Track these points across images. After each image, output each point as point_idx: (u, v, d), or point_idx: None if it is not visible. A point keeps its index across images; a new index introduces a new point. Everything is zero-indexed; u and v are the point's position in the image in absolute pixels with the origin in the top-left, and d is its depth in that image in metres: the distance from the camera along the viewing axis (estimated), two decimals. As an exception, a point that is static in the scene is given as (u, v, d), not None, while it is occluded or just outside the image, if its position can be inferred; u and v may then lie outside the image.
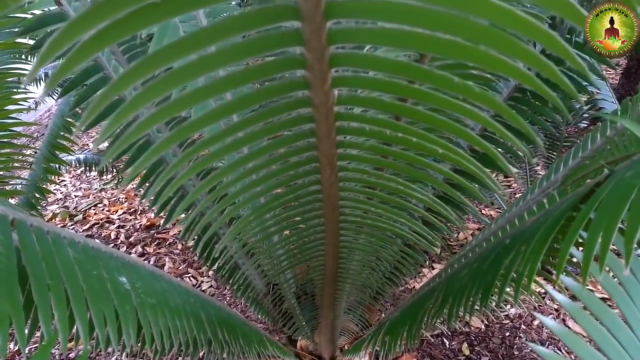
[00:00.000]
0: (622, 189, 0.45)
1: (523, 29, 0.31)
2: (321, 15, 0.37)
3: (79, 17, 0.29)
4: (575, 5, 0.29)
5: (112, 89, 0.34)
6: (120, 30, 0.32)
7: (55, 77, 0.31)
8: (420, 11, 0.34)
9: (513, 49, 0.33)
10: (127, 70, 0.34)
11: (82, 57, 0.32)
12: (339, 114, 0.48)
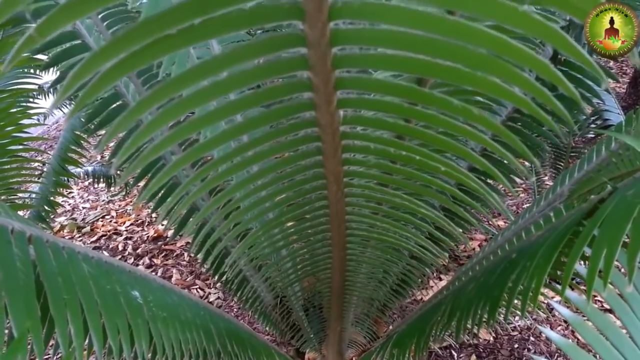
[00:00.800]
0: (624, 207, 0.47)
1: (518, 57, 0.33)
2: (326, 42, 0.39)
3: (99, 50, 0.31)
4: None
5: (130, 114, 0.36)
6: (137, 60, 0.34)
7: (78, 105, 0.33)
8: (422, 40, 0.36)
9: (509, 75, 0.35)
10: (145, 97, 0.36)
11: (102, 87, 0.34)
12: (345, 133, 0.50)
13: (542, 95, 0.34)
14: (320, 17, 0.36)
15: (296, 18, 0.37)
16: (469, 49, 0.35)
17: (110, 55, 0.32)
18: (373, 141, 0.51)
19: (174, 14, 0.32)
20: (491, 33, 0.32)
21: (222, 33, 0.36)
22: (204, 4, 0.33)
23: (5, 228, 0.60)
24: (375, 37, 0.38)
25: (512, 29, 0.32)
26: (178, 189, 0.49)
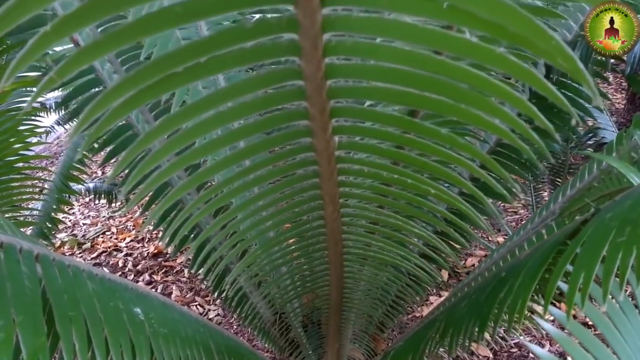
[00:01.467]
0: (602, 229, 0.49)
1: (496, 92, 0.36)
2: (321, 76, 0.42)
3: (112, 89, 0.35)
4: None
5: (139, 144, 0.40)
6: (146, 96, 0.37)
7: (91, 138, 0.36)
8: (409, 74, 0.39)
9: (488, 108, 0.38)
10: (153, 127, 0.40)
11: (113, 121, 0.37)
12: (340, 157, 0.53)
13: (519, 127, 0.37)
14: (315, 54, 0.40)
15: (294, 55, 0.40)
16: (452, 83, 0.38)
17: (121, 93, 0.35)
18: (367, 165, 0.54)
19: (182, 53, 0.35)
20: (471, 70, 0.36)
21: (226, 69, 0.39)
22: (209, 45, 0.36)
23: (14, 247, 0.62)
24: (367, 71, 0.42)
25: (491, 68, 0.35)
26: (182, 212, 0.52)
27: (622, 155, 0.94)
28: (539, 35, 0.28)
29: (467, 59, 0.37)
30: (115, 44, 0.32)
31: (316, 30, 0.37)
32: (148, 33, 0.33)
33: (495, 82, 0.35)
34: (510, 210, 2.92)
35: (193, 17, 0.34)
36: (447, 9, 0.31)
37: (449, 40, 0.34)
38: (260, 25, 0.36)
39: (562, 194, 1.17)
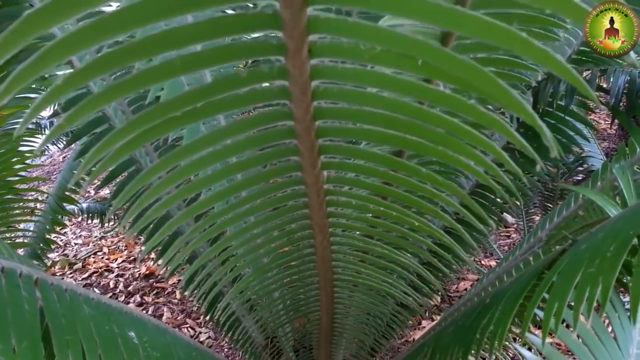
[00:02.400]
0: (576, 260, 0.53)
1: (469, 137, 0.40)
2: (310, 117, 0.46)
3: (116, 132, 0.38)
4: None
5: (140, 179, 0.43)
6: (148, 137, 0.41)
7: (94, 175, 0.40)
8: (392, 118, 0.43)
9: (464, 151, 0.41)
10: (155, 164, 0.43)
11: (116, 159, 0.40)
12: (329, 190, 0.57)
13: (490, 168, 0.41)
14: (304, 99, 0.43)
15: (284, 98, 0.44)
16: (430, 128, 0.42)
17: (125, 135, 0.39)
18: (354, 198, 0.57)
19: (181, 100, 0.39)
20: (444, 117, 0.39)
21: (221, 113, 0.43)
22: (206, 92, 0.40)
23: (15, 272, 0.65)
24: (352, 114, 0.46)
25: (464, 116, 0.39)
26: (179, 239, 0.55)
27: (605, 186, 0.98)
28: (500, 92, 0.32)
29: (443, 107, 0.40)
30: (121, 93, 0.36)
31: (305, 79, 0.41)
32: (149, 84, 0.36)
33: (466, 129, 0.39)
34: (503, 234, 2.96)
35: (190, 69, 0.37)
36: (421, 65, 0.35)
37: (424, 90, 0.38)
38: (254, 74, 0.40)
39: (550, 221, 1.21)
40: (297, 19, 0.35)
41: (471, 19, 0.30)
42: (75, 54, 0.30)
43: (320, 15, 0.35)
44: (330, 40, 0.37)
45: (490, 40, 0.30)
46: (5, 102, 0.31)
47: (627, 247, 0.45)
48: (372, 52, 0.36)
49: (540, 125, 0.31)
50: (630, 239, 0.45)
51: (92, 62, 0.32)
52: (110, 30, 0.30)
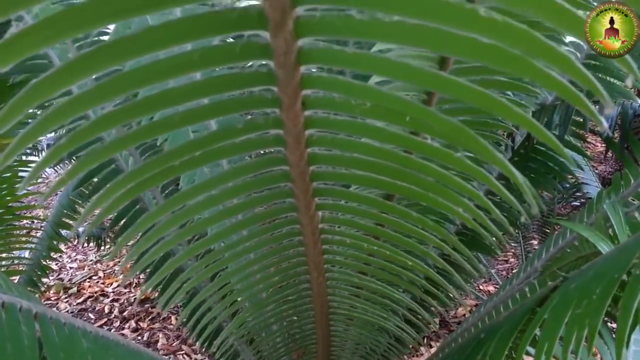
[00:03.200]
0: (565, 300, 0.54)
1: (456, 186, 0.42)
2: (304, 163, 0.48)
3: (119, 181, 0.40)
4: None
5: (142, 223, 0.45)
6: (147, 185, 0.43)
7: (99, 219, 0.41)
8: (382, 165, 0.45)
9: (450, 198, 0.43)
10: (158, 208, 0.45)
11: (119, 205, 0.42)
12: (323, 229, 0.59)
13: (477, 216, 0.43)
14: (299, 146, 0.45)
15: (280, 146, 0.46)
16: (418, 175, 0.44)
17: (127, 183, 0.40)
18: (348, 237, 0.59)
19: (180, 150, 0.41)
20: (432, 166, 0.41)
21: (217, 160, 0.45)
22: (204, 142, 0.42)
23: (15, 306, 0.66)
24: (344, 160, 0.47)
25: (453, 167, 0.41)
26: (179, 277, 0.56)
27: (597, 219, 1.00)
28: (481, 148, 0.34)
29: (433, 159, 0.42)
30: (125, 145, 0.38)
31: (299, 129, 0.43)
32: (151, 136, 0.38)
33: (451, 177, 0.41)
34: (500, 259, 2.96)
35: (190, 123, 0.39)
36: (409, 120, 0.37)
37: (411, 142, 0.40)
38: (250, 124, 0.42)
39: (546, 251, 1.22)
40: (291, 77, 0.37)
41: (451, 82, 0.32)
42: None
43: (313, 74, 0.37)
44: (322, 94, 0.39)
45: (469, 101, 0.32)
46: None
47: (612, 290, 0.46)
48: (362, 107, 0.39)
49: (521, 182, 0.33)
50: (616, 282, 0.46)
51: (98, 119, 0.34)
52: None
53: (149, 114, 0.36)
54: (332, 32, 0.33)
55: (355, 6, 0.31)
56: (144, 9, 0.29)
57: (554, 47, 0.26)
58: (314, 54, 0.35)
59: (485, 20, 0.27)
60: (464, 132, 0.34)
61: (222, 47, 0.35)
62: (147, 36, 0.30)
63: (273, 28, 0.33)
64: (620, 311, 0.46)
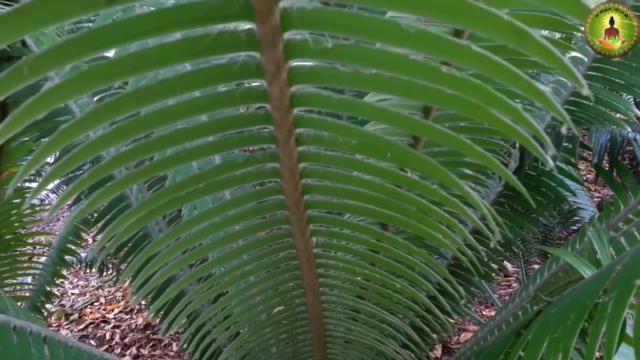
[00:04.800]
0: (545, 324, 0.58)
1: (440, 218, 0.46)
2: (299, 194, 0.53)
3: (130, 212, 0.45)
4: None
5: (148, 251, 0.49)
6: (155, 214, 0.47)
7: (111, 247, 0.46)
8: (370, 196, 0.50)
9: (434, 227, 0.48)
10: (163, 235, 0.50)
11: (129, 233, 0.47)
12: (317, 254, 0.63)
13: (460, 246, 0.47)
14: (293, 178, 0.50)
15: (276, 177, 0.51)
16: (402, 205, 0.49)
17: (137, 213, 0.45)
18: (341, 261, 0.63)
19: (185, 183, 0.46)
20: (415, 198, 0.46)
21: (219, 191, 0.50)
22: (207, 176, 0.47)
23: (25, 330, 0.70)
24: (336, 191, 0.52)
25: (430, 197, 0.46)
26: (182, 300, 0.61)
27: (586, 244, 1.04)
28: (455, 184, 0.39)
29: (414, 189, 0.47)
30: (139, 179, 0.43)
31: (293, 162, 0.48)
32: (160, 171, 0.44)
33: (436, 210, 0.46)
34: (503, 284, 2.98)
35: (196, 158, 0.44)
36: (390, 156, 0.42)
37: (394, 175, 0.45)
38: (249, 159, 0.47)
39: (540, 276, 1.26)
40: (285, 118, 0.42)
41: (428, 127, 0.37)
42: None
43: (305, 115, 0.43)
44: (314, 133, 0.45)
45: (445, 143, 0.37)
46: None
47: (584, 316, 0.50)
48: (349, 144, 0.44)
49: (485, 212, 0.38)
50: (587, 308, 0.50)
51: (118, 155, 0.39)
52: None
53: (162, 150, 0.41)
54: (319, 80, 0.39)
55: (340, 61, 0.36)
56: (157, 65, 0.35)
57: (503, 99, 0.31)
58: (305, 98, 0.41)
59: (447, 75, 0.32)
60: (436, 168, 0.39)
61: (225, 94, 0.40)
62: (163, 86, 0.36)
63: (269, 78, 0.38)
64: (590, 337, 0.50)
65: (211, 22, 0.33)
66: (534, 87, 0.30)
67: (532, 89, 0.30)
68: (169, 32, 0.33)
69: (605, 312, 0.46)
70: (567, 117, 0.32)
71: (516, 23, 0.26)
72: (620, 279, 0.49)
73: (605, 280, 0.51)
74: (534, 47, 0.26)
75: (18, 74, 0.29)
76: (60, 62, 0.29)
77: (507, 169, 1.42)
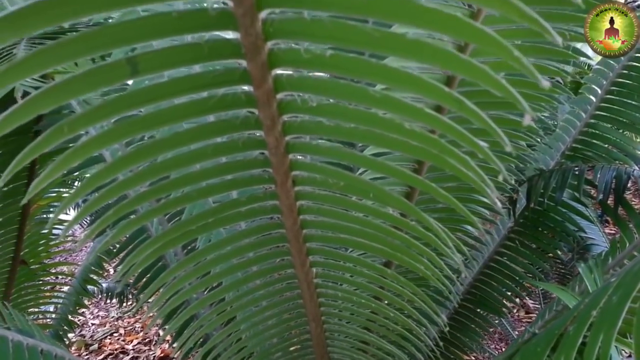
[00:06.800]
0: (528, 354, 0.63)
1: (422, 252, 0.53)
2: (297, 227, 0.59)
3: (147, 244, 0.52)
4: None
5: (165, 277, 0.57)
6: (169, 246, 0.55)
7: (131, 277, 0.54)
8: (361, 232, 0.57)
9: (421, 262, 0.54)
10: (179, 263, 0.57)
11: (147, 262, 0.54)
12: (318, 284, 0.69)
13: (435, 273, 0.53)
14: (292, 214, 0.57)
15: (276, 213, 0.58)
16: (388, 239, 0.55)
17: (154, 245, 0.53)
18: (340, 291, 0.70)
19: (195, 219, 0.53)
20: (398, 234, 0.53)
21: (228, 225, 0.57)
22: (214, 212, 0.54)
23: (51, 354, 0.78)
24: (330, 226, 0.59)
25: (410, 231, 0.52)
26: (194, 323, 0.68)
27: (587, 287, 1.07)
28: (430, 226, 0.45)
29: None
30: (156, 215, 0.50)
31: (291, 201, 0.55)
32: (174, 208, 0.51)
33: (416, 244, 0.52)
34: (524, 320, 2.96)
35: (203, 197, 0.52)
36: (372, 196, 0.49)
37: (378, 212, 0.52)
38: (252, 198, 0.55)
39: (549, 312, 1.28)
40: (282, 162, 0.50)
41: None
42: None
43: (299, 160, 0.50)
44: (307, 175, 0.52)
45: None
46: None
47: (550, 345, 0.56)
48: (338, 185, 0.51)
49: (448, 252, 0.44)
50: (554, 338, 0.55)
51: (139, 195, 0.47)
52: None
53: (177, 190, 0.49)
54: (308, 131, 0.46)
55: (324, 117, 0.44)
56: (175, 120, 0.42)
57: (454, 151, 0.37)
58: (298, 146, 0.48)
59: (409, 130, 0.39)
60: (411, 209, 0.45)
61: (229, 142, 0.47)
62: (178, 137, 0.44)
63: (266, 130, 0.46)
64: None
65: (217, 87, 0.41)
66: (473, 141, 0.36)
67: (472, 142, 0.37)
68: (185, 94, 0.41)
69: (566, 340, 0.51)
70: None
71: (454, 93, 0.33)
72: (583, 310, 0.54)
73: (574, 312, 0.56)
74: (470, 113, 0.33)
75: (59, 131, 0.37)
76: (93, 123, 0.37)
77: (516, 205, 1.47)
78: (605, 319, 0.49)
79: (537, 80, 0.28)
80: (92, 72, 0.35)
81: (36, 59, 0.32)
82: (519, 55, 0.28)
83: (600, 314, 0.50)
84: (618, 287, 0.52)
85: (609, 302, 0.50)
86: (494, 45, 0.29)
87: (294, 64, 0.39)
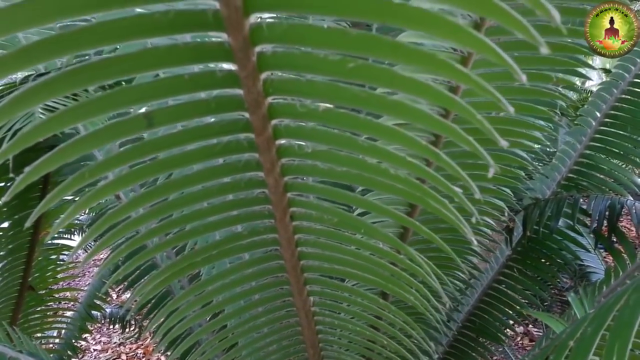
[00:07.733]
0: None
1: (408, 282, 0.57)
2: (295, 259, 0.64)
3: (156, 274, 0.57)
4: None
5: (171, 305, 0.61)
6: (176, 276, 0.59)
7: (139, 305, 0.58)
8: (354, 263, 0.61)
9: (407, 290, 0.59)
10: (184, 292, 0.61)
11: (156, 290, 0.59)
12: (315, 312, 0.74)
13: (422, 302, 0.57)
14: (290, 246, 0.62)
15: (276, 245, 0.63)
16: (376, 269, 0.60)
17: (162, 276, 0.57)
18: (336, 319, 0.74)
19: (201, 252, 0.58)
20: (386, 264, 0.57)
21: (229, 257, 0.62)
22: (218, 245, 0.59)
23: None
24: (326, 258, 0.64)
25: (400, 264, 0.57)
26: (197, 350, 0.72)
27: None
28: (413, 259, 0.50)
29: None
30: (164, 249, 0.55)
31: (289, 234, 0.60)
32: (181, 242, 0.56)
33: (405, 275, 0.56)
34: (529, 348, 2.96)
35: (207, 232, 0.57)
36: (363, 232, 0.54)
37: (368, 246, 0.56)
38: (253, 231, 0.60)
39: (546, 340, 1.31)
40: (280, 200, 0.55)
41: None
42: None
43: (296, 198, 0.55)
44: (305, 211, 0.57)
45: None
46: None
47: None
48: (332, 221, 0.56)
49: (435, 285, 0.48)
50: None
51: (145, 233, 0.52)
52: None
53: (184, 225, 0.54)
54: (305, 173, 0.51)
55: (319, 161, 0.49)
56: (188, 164, 0.48)
57: (435, 195, 0.42)
58: (295, 186, 0.53)
59: (394, 175, 0.44)
60: (395, 242, 0.50)
61: (232, 183, 0.53)
62: (189, 178, 0.49)
63: (266, 171, 0.51)
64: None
65: (223, 135, 0.46)
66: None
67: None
68: (194, 142, 0.46)
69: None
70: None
71: (430, 147, 0.38)
72: (564, 339, 0.58)
73: (555, 342, 0.60)
74: (444, 162, 0.38)
75: (81, 178, 0.42)
76: (113, 169, 0.43)
77: (514, 233, 1.51)
78: (580, 349, 0.53)
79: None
80: (114, 126, 0.40)
81: (59, 119, 0.37)
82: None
83: (576, 344, 0.54)
84: (594, 318, 0.56)
85: (584, 333, 0.55)
86: (483, 91, 0.34)
87: (290, 115, 0.44)
